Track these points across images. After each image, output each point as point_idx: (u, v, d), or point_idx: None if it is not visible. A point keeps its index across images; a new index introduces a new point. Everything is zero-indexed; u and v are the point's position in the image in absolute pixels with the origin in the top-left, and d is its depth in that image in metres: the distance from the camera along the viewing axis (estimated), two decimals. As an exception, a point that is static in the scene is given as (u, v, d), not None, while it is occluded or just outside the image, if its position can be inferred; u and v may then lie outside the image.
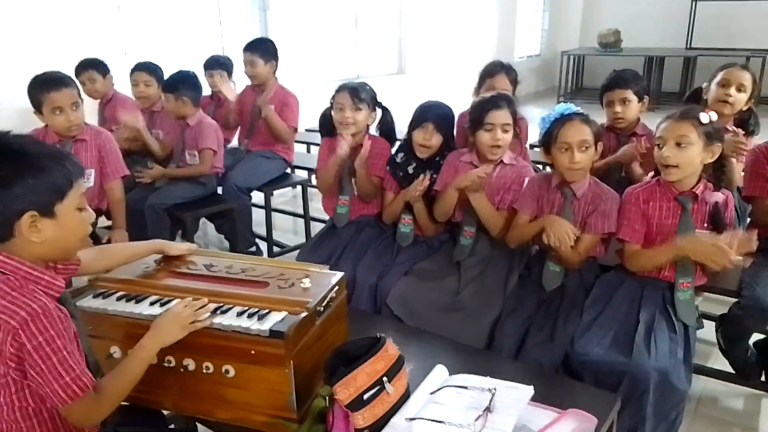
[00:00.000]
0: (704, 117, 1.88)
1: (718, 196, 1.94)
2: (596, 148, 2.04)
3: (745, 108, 2.58)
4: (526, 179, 2.23)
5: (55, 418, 1.26)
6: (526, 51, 10.22)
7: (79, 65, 3.55)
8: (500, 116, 2.19)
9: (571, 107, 2.06)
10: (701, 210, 1.97)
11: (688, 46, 9.23)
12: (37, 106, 2.51)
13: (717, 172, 1.95)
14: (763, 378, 2.24)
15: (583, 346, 1.86)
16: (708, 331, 2.49)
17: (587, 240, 2.04)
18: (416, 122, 2.36)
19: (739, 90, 2.53)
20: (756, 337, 2.30)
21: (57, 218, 1.21)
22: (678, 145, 1.88)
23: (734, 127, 2.56)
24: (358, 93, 2.43)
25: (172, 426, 1.73)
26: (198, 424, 1.64)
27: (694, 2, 9.10)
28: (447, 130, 2.36)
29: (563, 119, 2.03)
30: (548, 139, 2.06)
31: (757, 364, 2.22)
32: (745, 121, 2.61)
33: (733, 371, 2.27)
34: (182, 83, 3.15)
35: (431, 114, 2.34)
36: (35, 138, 1.27)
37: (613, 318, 1.93)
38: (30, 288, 1.19)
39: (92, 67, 3.54)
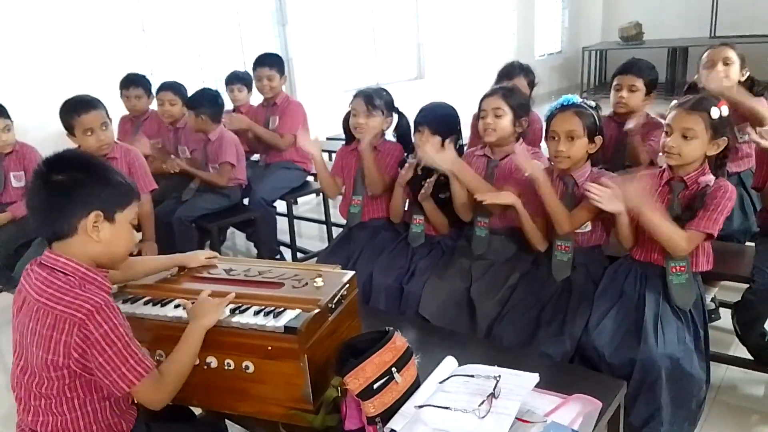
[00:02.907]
0: (715, 112, 1.88)
1: (708, 179, 1.92)
2: (593, 141, 2.07)
3: (743, 79, 2.61)
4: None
5: (98, 411, 1.38)
6: (547, 49, 10.18)
7: (128, 80, 3.75)
8: (491, 101, 2.31)
9: (572, 98, 2.10)
10: (690, 194, 1.95)
11: (713, 35, 9.08)
12: (69, 129, 2.67)
13: (717, 163, 1.95)
14: (782, 363, 2.24)
15: (595, 338, 1.90)
16: (727, 319, 2.51)
17: (583, 212, 2.06)
18: (414, 126, 2.46)
19: (726, 64, 2.58)
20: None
21: (115, 224, 1.38)
22: (684, 137, 1.89)
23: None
24: (372, 99, 2.52)
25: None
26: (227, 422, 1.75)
27: (716, -11, 8.99)
28: (443, 130, 2.39)
29: (559, 110, 2.08)
30: (546, 130, 2.13)
31: (775, 349, 2.23)
32: (750, 90, 2.62)
33: (752, 357, 2.27)
34: (201, 101, 3.30)
35: (424, 118, 2.41)
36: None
37: (623, 307, 1.96)
38: (88, 286, 1.33)
39: (140, 84, 3.76)
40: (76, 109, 2.61)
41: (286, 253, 3.84)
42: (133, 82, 3.76)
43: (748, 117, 2.58)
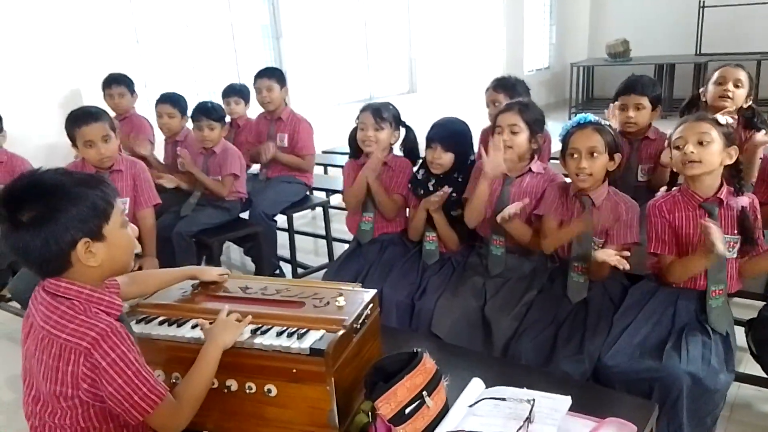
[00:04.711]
0: (721, 119, 1.91)
1: (743, 200, 1.93)
2: (613, 158, 2.06)
3: (746, 105, 2.61)
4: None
5: None
6: (536, 65, 10.29)
7: (111, 79, 3.67)
8: (507, 118, 2.27)
9: (588, 116, 2.09)
10: (729, 215, 1.95)
11: (698, 53, 9.22)
12: (72, 140, 2.63)
13: (735, 178, 1.96)
14: (796, 381, 2.22)
15: (612, 357, 1.86)
16: (738, 336, 2.49)
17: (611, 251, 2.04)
18: (426, 142, 2.44)
19: (736, 86, 2.59)
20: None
21: (107, 240, 1.27)
22: (700, 143, 1.89)
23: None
24: (380, 113, 2.50)
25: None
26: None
27: (701, 8, 9.12)
28: (456, 146, 2.40)
29: (577, 127, 2.07)
30: (563, 149, 2.10)
31: (790, 367, 2.21)
32: (749, 119, 2.64)
33: (766, 375, 2.25)
34: (221, 113, 3.33)
35: (437, 134, 2.41)
36: (66, 169, 1.32)
37: (645, 327, 1.93)
38: (94, 311, 1.25)
39: (124, 83, 3.69)
40: (77, 121, 2.57)
41: (286, 268, 3.78)
42: (117, 81, 3.67)
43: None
